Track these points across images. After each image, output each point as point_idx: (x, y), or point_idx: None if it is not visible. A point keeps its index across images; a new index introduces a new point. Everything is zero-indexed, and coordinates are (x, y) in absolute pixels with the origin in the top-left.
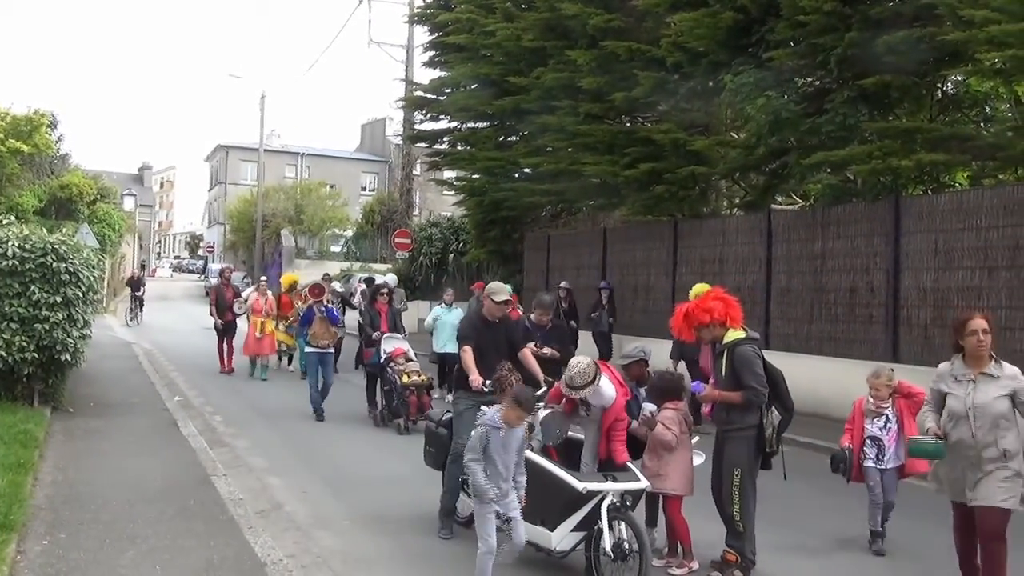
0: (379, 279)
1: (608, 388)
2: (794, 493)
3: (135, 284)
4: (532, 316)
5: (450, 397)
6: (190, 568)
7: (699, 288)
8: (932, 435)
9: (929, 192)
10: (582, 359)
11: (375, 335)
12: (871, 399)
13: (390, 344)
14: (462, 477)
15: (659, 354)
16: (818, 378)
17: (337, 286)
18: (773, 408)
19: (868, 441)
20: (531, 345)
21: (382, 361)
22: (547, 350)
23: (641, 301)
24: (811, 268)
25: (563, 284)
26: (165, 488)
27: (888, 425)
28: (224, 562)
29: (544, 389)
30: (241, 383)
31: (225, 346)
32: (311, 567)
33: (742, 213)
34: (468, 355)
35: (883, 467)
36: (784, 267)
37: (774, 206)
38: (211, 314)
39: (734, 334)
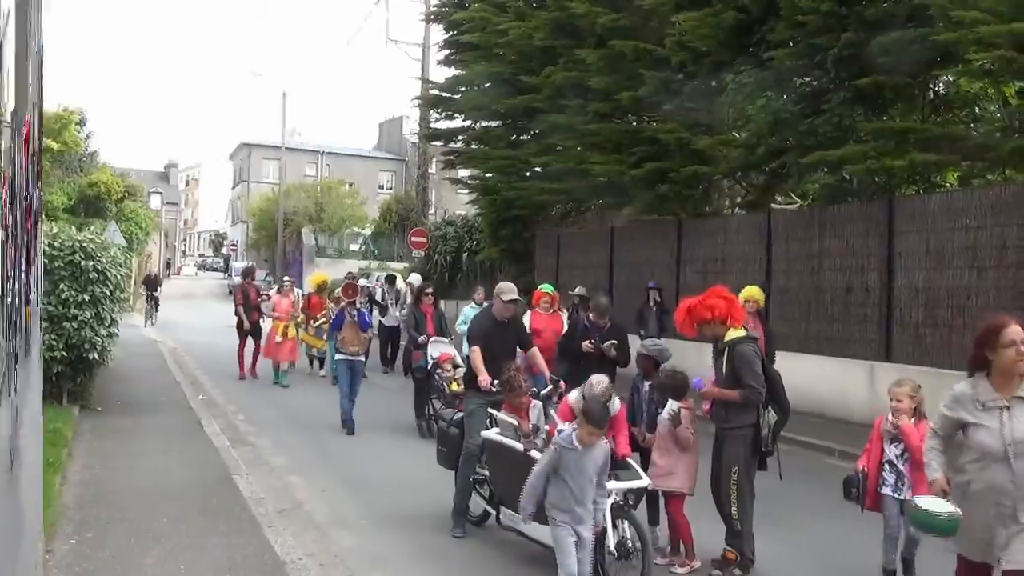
0: (414, 278)
1: (616, 401)
2: (790, 493)
3: (151, 283)
4: (591, 316)
5: None
6: (213, 566)
7: (749, 291)
8: (939, 490)
9: (921, 192)
10: (603, 377)
11: (421, 339)
12: (889, 418)
13: (436, 349)
14: (474, 477)
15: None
16: (815, 378)
17: (364, 282)
18: (770, 408)
19: (886, 466)
20: (588, 344)
21: (429, 367)
22: (608, 345)
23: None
24: (808, 268)
25: (578, 290)
26: (189, 486)
27: (907, 455)
28: (246, 560)
29: (550, 387)
30: (265, 385)
31: (248, 348)
32: (329, 566)
33: (743, 212)
34: (477, 355)
35: (902, 497)
36: (783, 267)
37: (774, 206)
38: (236, 314)
39: (734, 332)
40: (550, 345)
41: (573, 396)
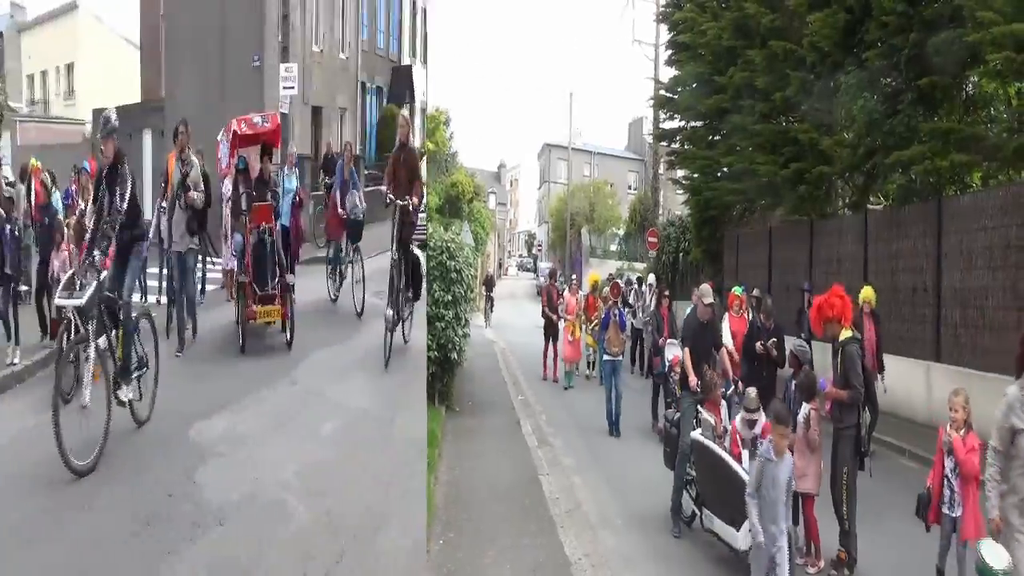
0: (652, 279)
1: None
2: (875, 493)
3: (489, 284)
4: (762, 317)
5: None
6: (525, 566)
7: (865, 292)
8: (994, 529)
9: (957, 193)
10: (752, 389)
11: (660, 342)
12: (948, 429)
13: (670, 352)
14: (686, 477)
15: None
16: (890, 378)
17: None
18: (865, 408)
19: (945, 480)
20: (759, 344)
21: (666, 370)
22: (770, 344)
23: (794, 301)
24: (889, 268)
25: (755, 292)
26: (511, 486)
27: (957, 470)
28: (546, 560)
29: (733, 388)
30: (558, 386)
31: (551, 351)
32: (598, 566)
33: (850, 213)
34: (687, 356)
35: (954, 515)
36: (874, 267)
37: (868, 206)
38: (543, 315)
39: (845, 333)
40: (740, 347)
41: (738, 422)
